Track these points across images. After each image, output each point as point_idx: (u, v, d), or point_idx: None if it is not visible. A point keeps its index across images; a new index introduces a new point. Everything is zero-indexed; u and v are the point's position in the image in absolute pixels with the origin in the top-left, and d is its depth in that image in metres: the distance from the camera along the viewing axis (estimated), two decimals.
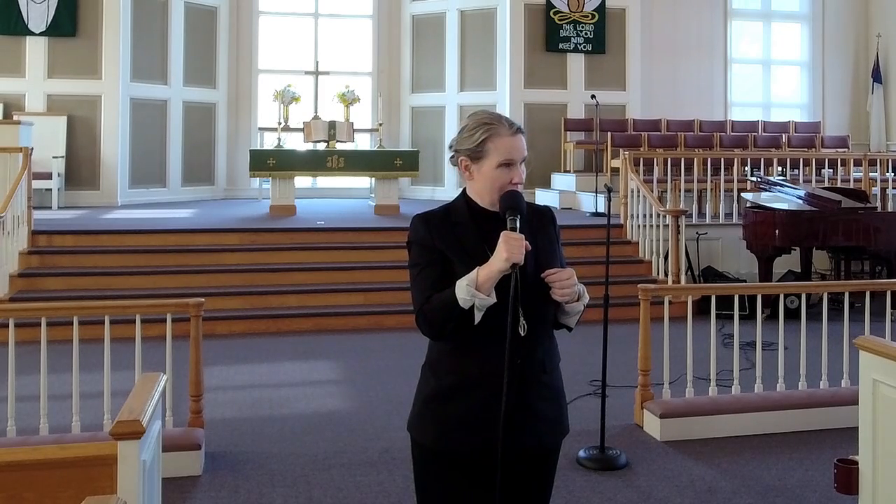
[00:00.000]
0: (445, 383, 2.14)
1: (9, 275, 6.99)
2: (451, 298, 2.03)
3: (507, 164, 2.12)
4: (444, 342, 2.13)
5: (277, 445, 4.45)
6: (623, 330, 6.02)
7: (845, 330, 4.95)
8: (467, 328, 2.05)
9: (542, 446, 2.19)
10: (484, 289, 2.01)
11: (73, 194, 10.31)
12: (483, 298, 2.01)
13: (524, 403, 2.12)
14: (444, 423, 2.13)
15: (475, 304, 2.01)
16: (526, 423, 2.13)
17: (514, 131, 2.14)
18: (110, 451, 2.21)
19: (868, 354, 2.88)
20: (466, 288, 2.01)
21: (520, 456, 2.14)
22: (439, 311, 2.05)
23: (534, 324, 2.10)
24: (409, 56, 12.32)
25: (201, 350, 4.25)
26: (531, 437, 2.14)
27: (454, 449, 2.13)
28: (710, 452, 4.42)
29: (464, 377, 2.12)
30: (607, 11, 11.56)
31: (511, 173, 2.13)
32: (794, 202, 7.92)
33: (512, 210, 2.07)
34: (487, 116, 2.17)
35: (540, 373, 2.16)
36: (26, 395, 4.61)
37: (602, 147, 10.67)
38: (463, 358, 2.12)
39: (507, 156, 2.12)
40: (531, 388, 2.14)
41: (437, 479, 2.18)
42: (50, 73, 10.40)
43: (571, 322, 2.21)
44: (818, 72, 12.93)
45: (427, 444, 2.17)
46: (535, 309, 2.11)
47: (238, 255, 7.84)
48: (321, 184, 12.23)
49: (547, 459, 2.23)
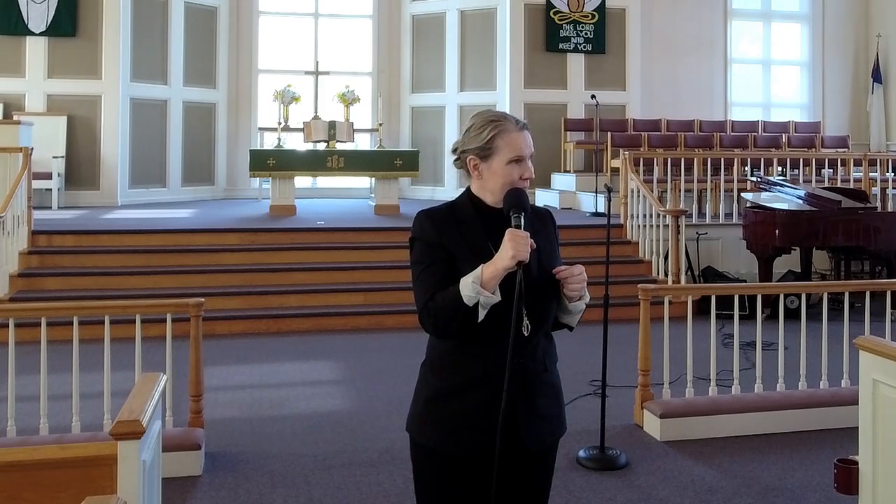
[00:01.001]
0: (447, 383, 2.14)
1: (9, 275, 6.99)
2: (455, 295, 2.02)
3: (517, 159, 2.13)
4: (446, 341, 2.13)
5: (277, 445, 4.45)
6: (623, 330, 6.02)
7: (845, 330, 4.95)
8: (472, 326, 2.04)
9: (542, 444, 2.19)
10: (489, 286, 2.00)
11: (73, 194, 10.31)
12: (488, 296, 2.00)
13: (527, 402, 2.13)
14: (447, 423, 2.13)
15: (480, 301, 2.00)
16: (529, 422, 2.13)
17: (520, 127, 2.17)
18: (110, 451, 2.21)
19: (868, 354, 2.88)
20: (472, 285, 2.00)
21: (521, 455, 2.14)
22: (444, 308, 2.04)
23: (536, 323, 2.10)
24: (409, 56, 12.32)
25: (201, 350, 4.25)
26: (532, 435, 2.14)
27: (457, 449, 2.12)
28: (710, 452, 4.42)
29: (467, 377, 2.11)
30: (607, 11, 11.56)
31: (521, 169, 2.14)
32: (794, 202, 7.92)
33: (516, 208, 2.07)
34: (493, 115, 2.19)
35: (542, 371, 2.17)
36: (26, 395, 4.62)
37: (602, 147, 10.67)
38: (465, 358, 2.11)
39: (518, 151, 2.13)
40: (533, 386, 2.15)
41: (437, 479, 2.17)
42: (50, 73, 10.40)
43: (573, 321, 2.22)
44: (818, 72, 12.93)
45: (428, 444, 2.16)
46: (538, 308, 2.11)
47: (238, 255, 7.84)
48: (321, 184, 12.23)
49: (546, 457, 2.24)
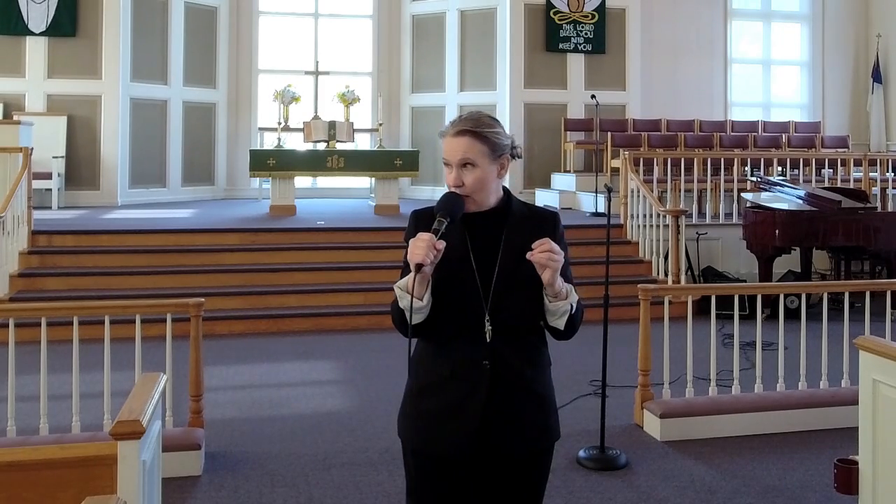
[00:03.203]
0: (421, 382, 2.18)
1: (9, 275, 6.99)
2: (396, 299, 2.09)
3: (445, 164, 2.12)
4: (424, 341, 2.18)
5: (277, 445, 4.45)
6: (623, 330, 6.02)
7: (845, 330, 4.95)
8: (430, 328, 2.09)
9: (521, 451, 2.14)
10: (415, 292, 2.00)
11: (73, 194, 10.30)
12: (407, 301, 2.01)
13: (502, 408, 2.09)
14: (418, 420, 2.17)
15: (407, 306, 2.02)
16: (502, 429, 2.09)
17: (454, 132, 2.10)
18: (110, 451, 2.22)
19: (868, 354, 2.88)
20: (398, 290, 2.06)
21: (502, 460, 2.13)
22: (394, 310, 2.12)
23: (504, 328, 2.07)
24: (409, 56, 12.32)
25: (201, 350, 4.25)
26: (507, 442, 2.11)
27: (427, 447, 2.14)
28: (710, 452, 4.42)
29: (436, 376, 2.14)
30: (607, 11, 11.55)
31: (449, 174, 2.11)
32: (794, 202, 7.92)
33: (441, 212, 2.04)
34: (457, 117, 2.16)
35: (517, 377, 2.11)
36: (26, 395, 4.62)
37: (602, 147, 10.67)
38: (437, 358, 2.14)
39: (444, 156, 2.12)
40: (509, 392, 2.10)
41: (417, 476, 2.19)
42: (50, 73, 10.39)
43: (559, 324, 2.09)
44: (818, 72, 12.93)
45: (405, 441, 2.21)
46: (507, 311, 2.07)
47: (238, 255, 7.84)
48: (321, 184, 12.22)
49: (533, 464, 2.19)
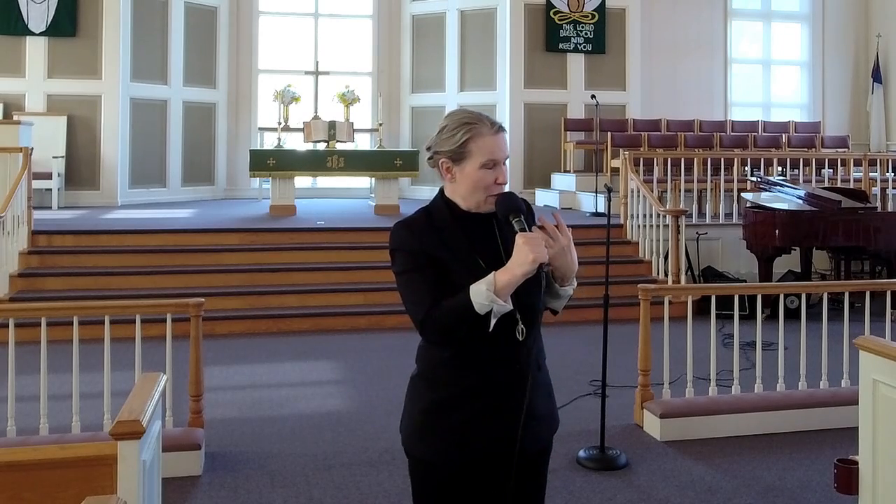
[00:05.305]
0: (444, 394, 2.08)
1: (9, 275, 6.99)
2: (465, 303, 1.94)
3: (492, 164, 2.04)
4: (439, 353, 2.07)
5: (277, 445, 4.45)
6: (623, 330, 6.01)
7: (845, 330, 4.95)
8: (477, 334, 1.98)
9: (539, 444, 2.17)
10: (502, 295, 1.93)
11: (73, 194, 10.30)
12: (501, 304, 1.93)
13: (531, 405, 2.08)
14: (448, 434, 2.07)
15: (493, 310, 1.93)
16: (527, 424, 2.08)
17: (496, 130, 2.06)
18: (110, 451, 2.22)
19: (868, 354, 2.88)
20: (485, 293, 1.92)
21: (520, 457, 2.12)
22: (452, 316, 1.97)
23: (529, 325, 2.08)
24: (409, 56, 12.32)
25: (201, 350, 4.25)
26: (531, 436, 2.11)
27: (461, 459, 2.07)
28: (710, 452, 4.42)
29: (465, 387, 2.06)
30: (607, 11, 11.55)
31: (495, 173, 2.05)
32: (794, 202, 7.92)
33: (514, 212, 2.01)
34: (467, 116, 2.08)
35: (536, 371, 2.13)
36: (26, 395, 4.61)
37: (602, 147, 10.66)
38: (462, 369, 2.06)
39: (491, 156, 2.04)
40: (535, 387, 2.11)
41: (439, 492, 2.11)
42: (50, 73, 10.39)
43: (559, 306, 2.15)
44: (818, 72, 12.93)
45: (428, 458, 2.10)
46: (529, 309, 2.07)
47: (238, 255, 7.84)
48: (321, 184, 12.22)
49: (543, 456, 2.22)
